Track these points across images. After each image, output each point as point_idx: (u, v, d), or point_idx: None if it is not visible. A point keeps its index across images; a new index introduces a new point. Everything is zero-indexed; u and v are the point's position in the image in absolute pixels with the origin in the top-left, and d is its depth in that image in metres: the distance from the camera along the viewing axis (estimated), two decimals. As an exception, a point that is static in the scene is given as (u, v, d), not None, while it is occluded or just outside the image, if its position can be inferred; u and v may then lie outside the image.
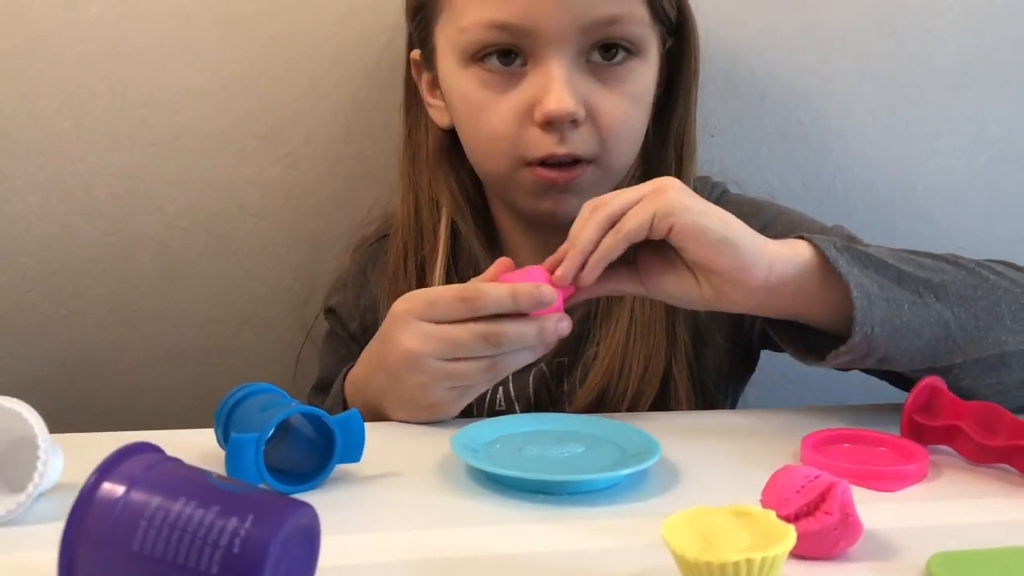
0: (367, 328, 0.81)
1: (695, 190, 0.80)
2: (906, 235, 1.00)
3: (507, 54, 0.70)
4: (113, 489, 0.38)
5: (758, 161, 0.97)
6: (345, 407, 0.68)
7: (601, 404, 0.72)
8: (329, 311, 0.85)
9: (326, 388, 0.80)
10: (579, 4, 0.68)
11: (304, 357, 0.91)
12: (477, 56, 0.71)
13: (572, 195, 0.71)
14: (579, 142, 0.70)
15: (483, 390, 0.64)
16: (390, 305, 0.76)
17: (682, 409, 0.72)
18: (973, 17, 0.94)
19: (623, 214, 0.59)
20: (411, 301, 0.63)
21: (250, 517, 0.36)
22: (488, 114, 0.71)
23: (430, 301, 0.62)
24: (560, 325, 0.60)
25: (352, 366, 0.69)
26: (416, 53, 0.79)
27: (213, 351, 0.97)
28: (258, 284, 0.95)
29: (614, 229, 0.59)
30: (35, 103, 0.87)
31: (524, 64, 0.70)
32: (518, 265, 0.79)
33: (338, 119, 0.91)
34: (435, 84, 0.78)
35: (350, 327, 0.82)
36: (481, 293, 0.60)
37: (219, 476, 0.40)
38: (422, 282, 0.78)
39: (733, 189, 0.94)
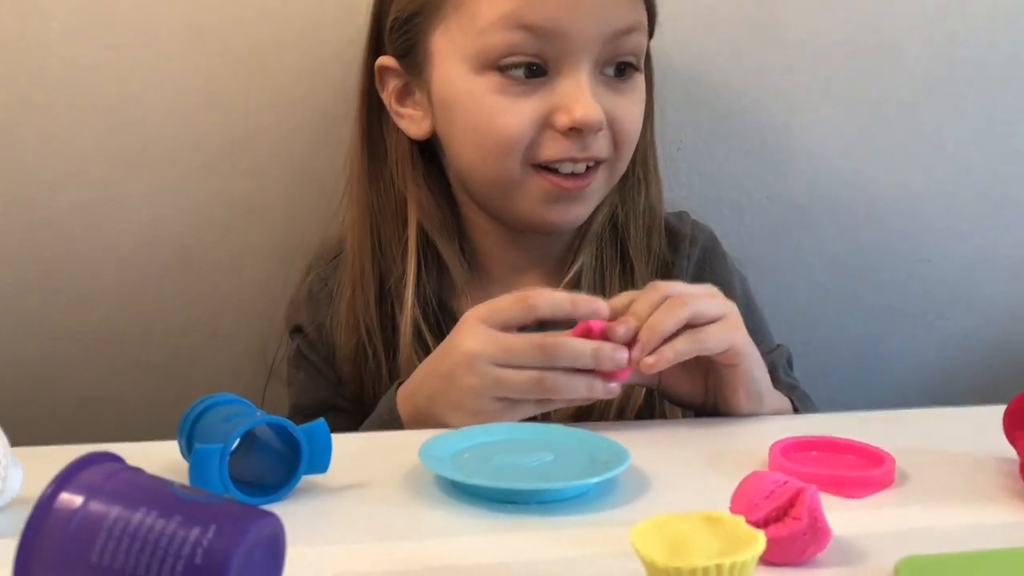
0: (336, 349, 0.79)
1: (670, 224, 0.82)
2: (869, 247, 1.01)
3: (531, 67, 0.69)
4: (71, 499, 0.37)
5: (723, 177, 0.98)
6: (392, 416, 0.67)
7: (587, 415, 0.71)
8: (295, 330, 0.82)
9: (304, 413, 0.78)
10: (607, 12, 0.70)
11: (278, 371, 0.90)
12: (496, 62, 0.69)
13: (579, 204, 0.74)
14: (597, 147, 0.71)
15: (529, 413, 0.63)
16: (348, 341, 0.76)
17: (675, 414, 0.73)
18: (930, 38, 0.96)
19: (698, 320, 0.62)
20: (478, 308, 0.64)
21: (212, 527, 0.36)
22: (504, 116, 0.70)
23: (493, 306, 0.63)
24: (617, 355, 0.61)
25: (401, 381, 0.69)
26: (388, 60, 0.76)
27: (177, 365, 0.95)
28: (223, 298, 0.94)
29: (695, 339, 0.62)
30: (-5, 113, 0.86)
31: (545, 74, 0.70)
32: (494, 279, 0.79)
33: (304, 131, 0.90)
34: (407, 93, 0.76)
35: (319, 348, 0.80)
36: (540, 295, 0.62)
37: (181, 486, 0.39)
38: (384, 301, 0.77)
39: (700, 203, 0.94)
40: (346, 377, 0.79)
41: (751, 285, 0.85)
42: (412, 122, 0.76)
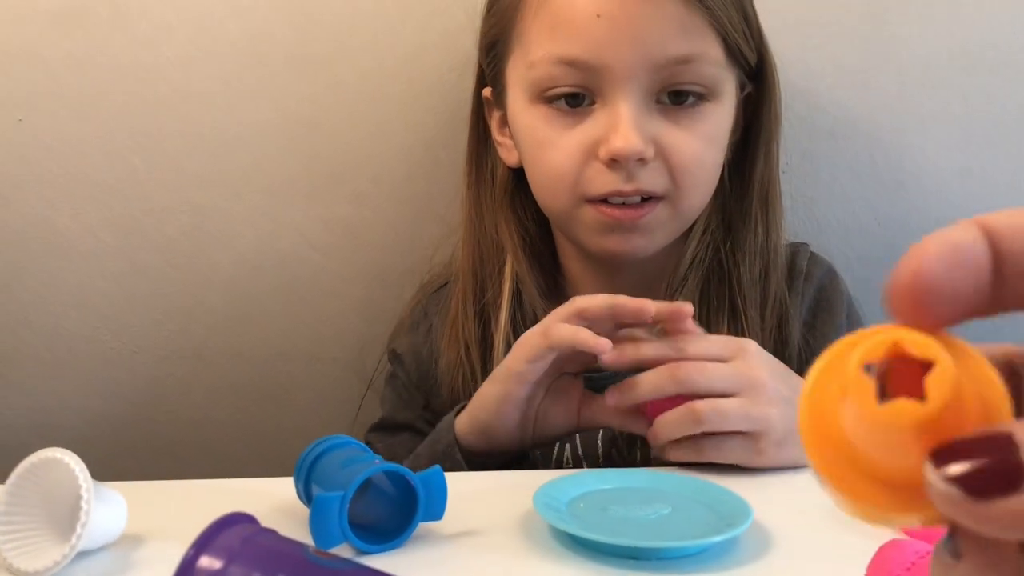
0: (426, 376, 0.80)
1: (784, 259, 0.77)
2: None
3: (575, 96, 0.70)
4: (211, 563, 0.37)
5: (830, 198, 0.95)
6: (451, 437, 0.68)
7: None
8: (393, 353, 0.85)
9: (388, 428, 0.81)
10: (651, 42, 0.66)
11: (368, 400, 0.91)
12: (545, 94, 0.70)
13: (640, 234, 0.71)
14: (648, 179, 0.69)
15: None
16: (449, 352, 0.76)
17: None
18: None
19: (706, 388, 0.61)
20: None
21: (350, 596, 0.36)
22: (552, 150, 0.70)
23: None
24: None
25: (462, 407, 0.70)
26: (488, 91, 0.79)
27: (278, 388, 0.97)
28: (323, 322, 0.95)
29: (695, 417, 0.60)
30: (109, 142, 0.88)
31: (592, 103, 0.70)
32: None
33: (405, 159, 0.91)
34: (504, 122, 0.78)
35: (412, 374, 0.82)
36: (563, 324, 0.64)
37: (315, 550, 0.39)
38: (483, 328, 0.78)
39: (804, 225, 0.92)
40: (443, 395, 0.79)
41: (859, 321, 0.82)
42: (507, 150, 0.79)
